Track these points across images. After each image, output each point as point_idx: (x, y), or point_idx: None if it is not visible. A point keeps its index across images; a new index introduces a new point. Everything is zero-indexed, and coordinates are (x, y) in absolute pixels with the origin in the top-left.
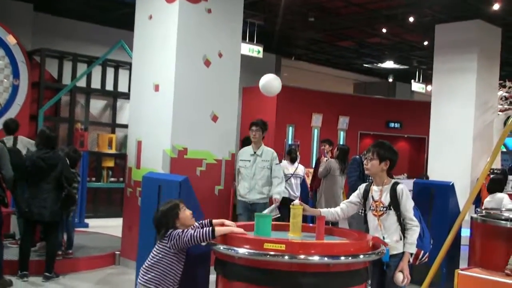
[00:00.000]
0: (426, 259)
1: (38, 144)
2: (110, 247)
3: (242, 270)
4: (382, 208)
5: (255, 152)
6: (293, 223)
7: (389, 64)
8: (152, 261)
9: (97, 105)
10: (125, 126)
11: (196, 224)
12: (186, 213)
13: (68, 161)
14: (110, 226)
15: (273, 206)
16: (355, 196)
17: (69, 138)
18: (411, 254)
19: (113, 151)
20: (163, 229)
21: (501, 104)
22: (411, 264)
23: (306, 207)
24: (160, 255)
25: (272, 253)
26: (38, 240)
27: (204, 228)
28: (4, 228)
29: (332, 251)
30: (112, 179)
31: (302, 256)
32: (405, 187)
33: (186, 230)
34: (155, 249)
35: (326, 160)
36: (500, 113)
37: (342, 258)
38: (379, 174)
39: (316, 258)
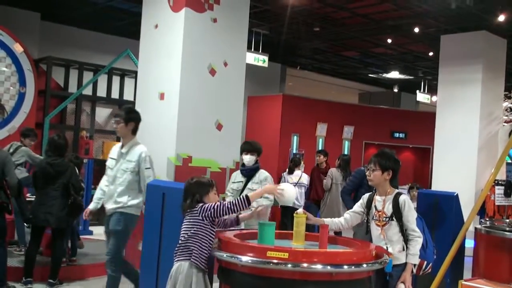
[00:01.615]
0: (430, 270)
1: (47, 151)
2: None
3: (245, 278)
4: (384, 218)
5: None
6: (296, 232)
7: (394, 74)
8: (187, 235)
9: (102, 113)
10: None
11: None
12: (215, 197)
13: None
14: None
15: None
16: (358, 206)
17: (74, 146)
18: (414, 265)
19: None
20: (190, 199)
21: (506, 115)
22: (414, 275)
23: (309, 216)
24: (195, 228)
25: (275, 261)
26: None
27: (239, 198)
28: (9, 235)
29: (335, 260)
30: None
31: (305, 265)
32: (408, 198)
33: (219, 203)
34: (186, 224)
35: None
36: (505, 124)
37: (345, 267)
38: (382, 184)
39: (319, 267)
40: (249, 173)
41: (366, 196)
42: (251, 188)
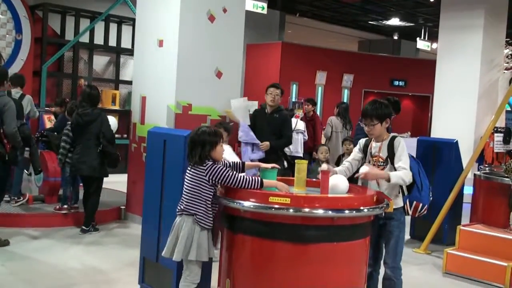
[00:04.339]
0: (425, 212)
1: (80, 102)
2: (115, 202)
3: (248, 223)
4: (381, 162)
5: None
6: (297, 178)
7: (394, 22)
8: (191, 193)
9: (100, 61)
10: (129, 83)
11: (226, 161)
12: (221, 149)
13: None
14: (115, 182)
15: None
16: (356, 152)
17: (72, 94)
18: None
19: (116, 107)
20: (197, 156)
21: (507, 62)
22: (412, 217)
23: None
24: (200, 188)
25: (277, 206)
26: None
27: (254, 178)
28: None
29: (337, 205)
30: (116, 135)
31: (306, 209)
32: (403, 140)
33: (230, 172)
34: (190, 178)
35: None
36: (505, 71)
37: (346, 211)
38: (382, 133)
39: (320, 212)
40: None
41: (362, 141)
42: None
